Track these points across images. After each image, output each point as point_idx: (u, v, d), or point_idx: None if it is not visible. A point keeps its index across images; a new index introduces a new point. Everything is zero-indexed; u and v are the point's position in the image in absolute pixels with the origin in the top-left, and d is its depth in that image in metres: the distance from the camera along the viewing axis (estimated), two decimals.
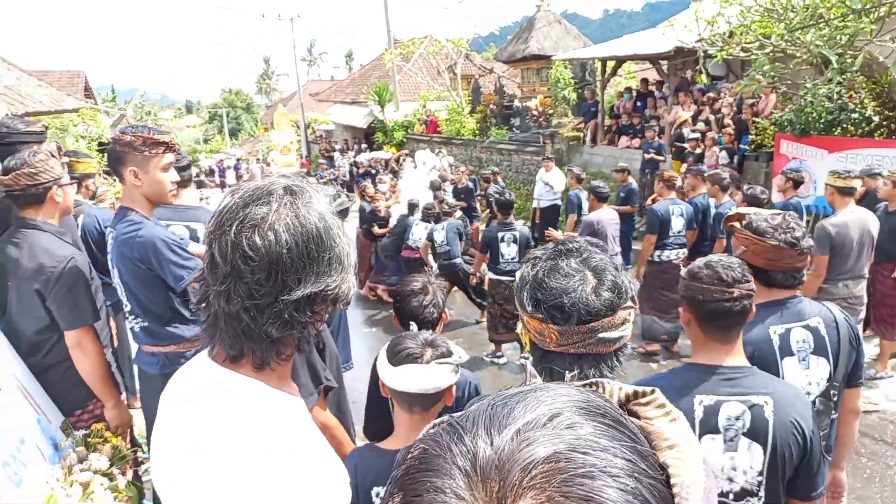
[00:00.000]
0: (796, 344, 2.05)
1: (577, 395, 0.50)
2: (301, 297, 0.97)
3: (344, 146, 26.90)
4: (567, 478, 0.42)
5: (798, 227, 2.08)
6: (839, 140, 8.31)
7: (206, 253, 1.00)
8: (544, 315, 1.17)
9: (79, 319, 2.44)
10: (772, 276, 2.08)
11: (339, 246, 1.02)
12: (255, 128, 63.65)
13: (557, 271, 1.19)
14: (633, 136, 12.43)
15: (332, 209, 1.05)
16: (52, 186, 2.51)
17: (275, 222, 0.96)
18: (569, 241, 1.26)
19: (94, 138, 17.11)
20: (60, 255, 2.44)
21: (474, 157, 17.80)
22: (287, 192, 1.00)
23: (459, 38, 20.85)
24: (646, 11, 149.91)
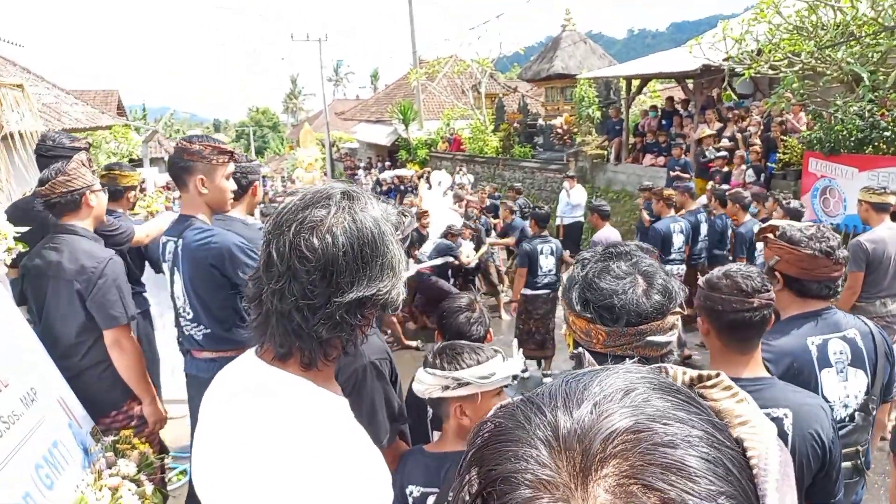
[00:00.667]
0: (834, 355, 2.01)
1: (648, 374, 0.51)
2: (353, 300, 0.99)
3: (368, 164, 27.16)
4: (649, 447, 0.42)
5: (833, 237, 2.06)
6: (870, 158, 8.16)
7: (262, 252, 1.03)
8: (593, 315, 1.18)
9: (118, 318, 2.52)
10: (806, 286, 2.05)
11: (391, 252, 1.04)
12: (281, 146, 64.60)
13: (608, 273, 1.20)
14: (657, 154, 12.35)
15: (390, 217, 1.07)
16: (86, 192, 2.61)
17: (333, 225, 0.99)
18: (620, 245, 1.28)
19: (125, 155, 17.55)
20: (100, 256, 2.54)
21: (497, 175, 17.84)
22: (345, 197, 1.03)
23: (484, 58, 21.01)
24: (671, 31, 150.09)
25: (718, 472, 0.42)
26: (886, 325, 4.39)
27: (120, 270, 2.57)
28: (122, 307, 2.53)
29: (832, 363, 2.00)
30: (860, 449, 2.03)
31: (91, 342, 2.55)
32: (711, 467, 0.42)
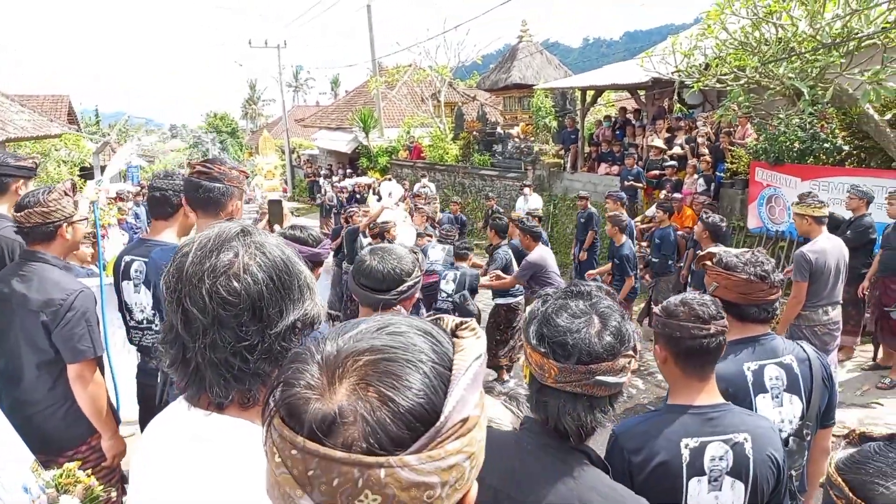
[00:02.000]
0: (769, 381, 2.08)
1: (412, 319, 0.72)
2: (286, 327, 1.01)
3: (329, 171, 26.97)
4: (377, 360, 0.64)
5: (767, 261, 2.15)
6: (812, 168, 8.51)
7: (170, 311, 1.01)
8: (547, 350, 1.23)
9: (84, 352, 2.46)
10: (745, 311, 2.13)
11: (303, 272, 1.07)
12: (240, 152, 63.62)
13: (566, 310, 1.26)
14: (612, 163, 12.62)
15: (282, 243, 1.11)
16: (62, 224, 2.55)
17: (246, 264, 1.00)
18: (581, 284, 1.33)
19: (77, 163, 17.05)
20: (70, 287, 2.47)
21: (457, 183, 17.95)
22: (244, 234, 1.04)
23: (443, 67, 21.14)
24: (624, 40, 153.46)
25: (420, 378, 0.64)
26: (828, 332, 4.59)
27: (90, 303, 2.50)
28: (90, 341, 2.46)
29: (767, 389, 2.07)
30: (793, 474, 2.10)
31: (57, 375, 2.48)
32: (417, 375, 0.64)
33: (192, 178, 2.39)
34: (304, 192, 29.75)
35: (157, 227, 2.79)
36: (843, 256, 4.51)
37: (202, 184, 2.37)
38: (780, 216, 8.94)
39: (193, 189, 2.38)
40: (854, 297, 6.00)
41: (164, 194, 2.71)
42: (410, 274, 1.95)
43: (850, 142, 8.23)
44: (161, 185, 2.73)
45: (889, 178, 7.54)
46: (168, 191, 2.71)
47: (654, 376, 6.69)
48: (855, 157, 8.22)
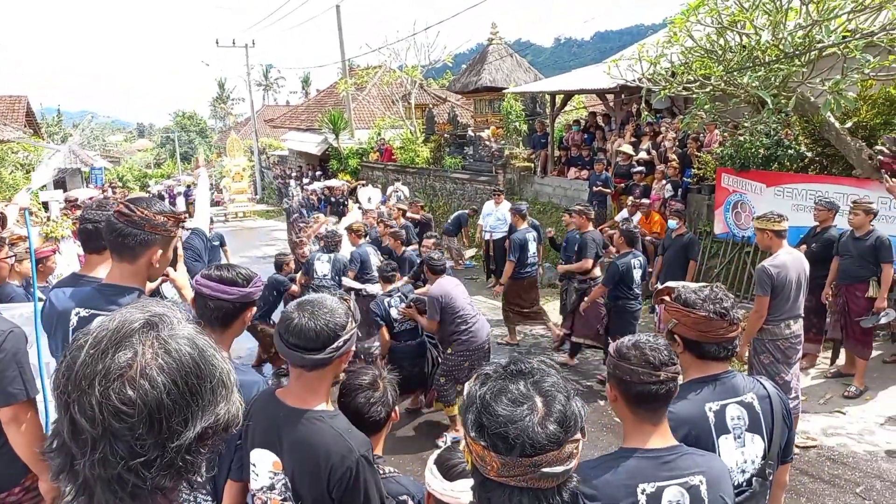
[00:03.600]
0: (731, 421, 2.02)
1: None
2: (192, 438, 0.88)
3: (299, 173, 26.64)
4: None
5: (726, 297, 2.09)
6: (776, 175, 8.61)
7: (59, 418, 0.88)
8: (487, 442, 1.13)
9: (16, 395, 2.27)
10: (704, 349, 2.07)
11: (219, 368, 0.93)
12: (209, 152, 62.65)
13: (505, 394, 1.15)
14: (581, 167, 12.65)
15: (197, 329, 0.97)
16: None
17: (145, 366, 0.86)
18: (521, 361, 1.22)
19: (34, 167, 16.50)
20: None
21: (428, 186, 17.85)
22: (148, 328, 0.91)
23: (413, 68, 21.01)
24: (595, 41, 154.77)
25: None
26: (791, 346, 4.60)
27: (21, 344, 2.31)
28: (22, 383, 2.28)
29: (730, 429, 2.02)
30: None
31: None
32: None
33: (111, 217, 2.21)
34: (273, 195, 29.37)
35: (92, 261, 2.58)
36: (803, 270, 4.53)
37: (117, 227, 2.19)
38: (746, 222, 9.03)
39: (109, 231, 2.20)
40: (816, 305, 6.06)
41: (98, 227, 2.49)
42: (345, 327, 1.75)
43: (812, 149, 8.35)
44: (94, 216, 2.53)
45: (850, 185, 7.66)
46: (101, 222, 2.49)
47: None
48: (817, 163, 8.34)
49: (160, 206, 2.28)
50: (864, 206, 5.65)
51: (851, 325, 5.75)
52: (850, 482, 4.36)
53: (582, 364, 7.40)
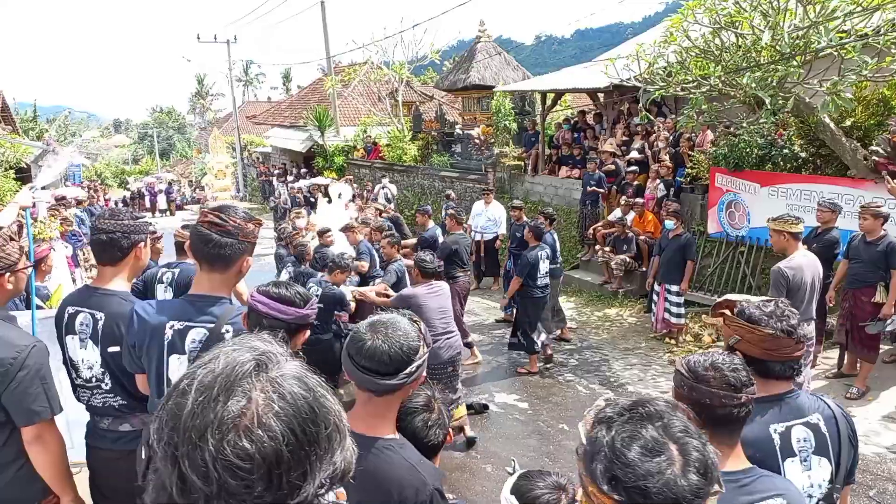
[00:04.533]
0: (797, 443, 1.95)
1: None
2: (311, 494, 0.80)
3: (282, 170, 26.35)
4: None
5: (793, 314, 2.00)
6: (770, 175, 8.65)
7: (164, 470, 0.79)
8: (623, 497, 1.04)
9: (39, 413, 2.16)
10: (769, 367, 1.98)
11: (332, 411, 0.85)
12: (188, 149, 61.79)
13: (636, 441, 1.06)
14: (573, 166, 12.63)
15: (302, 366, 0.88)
16: (4, 273, 2.24)
17: (261, 414, 0.78)
18: (647, 403, 1.13)
19: (12, 164, 16.08)
20: (20, 343, 2.15)
21: (416, 184, 17.74)
22: (259, 369, 0.82)
23: (401, 65, 20.86)
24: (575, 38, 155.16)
25: None
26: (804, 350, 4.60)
27: (44, 359, 2.19)
28: (46, 400, 2.17)
29: (796, 452, 1.95)
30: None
31: (7, 435, 2.18)
32: None
33: (202, 228, 2.12)
34: (257, 192, 29.03)
35: (105, 273, 2.47)
36: (817, 272, 4.52)
37: (213, 237, 2.10)
38: (741, 221, 9.07)
39: (202, 242, 2.11)
40: (819, 306, 6.08)
41: (112, 237, 2.40)
42: (417, 351, 1.63)
43: (806, 149, 8.39)
44: (107, 226, 2.41)
45: (845, 185, 7.71)
46: (116, 232, 2.40)
47: (624, 388, 6.66)
48: (811, 163, 8.39)
49: (244, 213, 2.21)
50: (872, 210, 5.64)
51: (856, 329, 5.76)
52: (861, 485, 4.36)
53: (582, 364, 7.38)
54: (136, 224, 2.47)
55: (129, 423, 2.44)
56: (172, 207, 28.66)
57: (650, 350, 7.79)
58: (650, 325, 8.49)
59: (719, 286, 9.06)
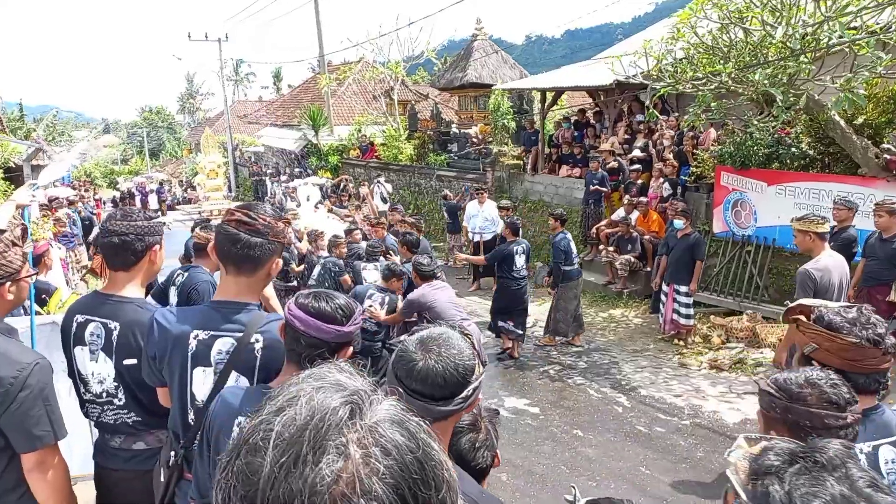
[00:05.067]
0: (886, 465, 1.79)
1: None
2: None
3: (275, 170, 26.08)
4: None
5: (879, 322, 1.84)
6: (777, 173, 8.54)
7: None
8: None
9: (41, 438, 1.95)
10: (851, 379, 1.79)
11: (442, 464, 0.67)
12: (178, 148, 61.23)
13: (818, 497, 0.91)
14: (573, 165, 12.49)
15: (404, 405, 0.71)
16: (5, 283, 2.03)
17: (362, 477, 0.60)
18: (821, 449, 0.97)
19: (1, 164, 15.74)
20: (21, 360, 1.94)
21: (413, 183, 17.56)
22: (354, 414, 0.65)
23: (396, 64, 20.65)
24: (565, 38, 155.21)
25: None
26: None
27: (48, 378, 1.99)
28: (49, 423, 1.96)
29: (884, 475, 1.79)
30: None
31: (6, 460, 1.97)
32: None
33: (229, 227, 1.94)
34: (249, 192, 28.70)
35: (118, 279, 2.27)
36: (844, 273, 4.39)
37: (241, 237, 1.92)
38: (747, 220, 8.95)
39: (230, 242, 1.93)
40: None
41: (125, 240, 2.20)
42: (474, 371, 1.41)
43: (814, 147, 8.29)
44: (119, 227, 2.21)
45: (855, 183, 7.61)
46: (128, 235, 2.20)
47: (636, 391, 6.50)
48: (819, 162, 8.28)
49: (273, 211, 2.03)
50: (887, 208, 5.56)
51: None
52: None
53: (591, 367, 7.23)
54: (150, 225, 2.26)
55: (144, 441, 2.25)
56: (164, 208, 28.27)
57: (659, 352, 7.66)
58: (657, 326, 8.36)
59: (725, 286, 8.94)
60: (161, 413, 2.16)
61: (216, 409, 1.77)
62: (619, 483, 4.75)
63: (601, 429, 5.64)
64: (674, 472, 4.88)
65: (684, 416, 5.86)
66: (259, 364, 1.93)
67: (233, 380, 1.93)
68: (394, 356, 1.46)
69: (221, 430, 1.73)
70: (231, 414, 1.73)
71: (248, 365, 1.93)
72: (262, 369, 1.93)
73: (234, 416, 1.73)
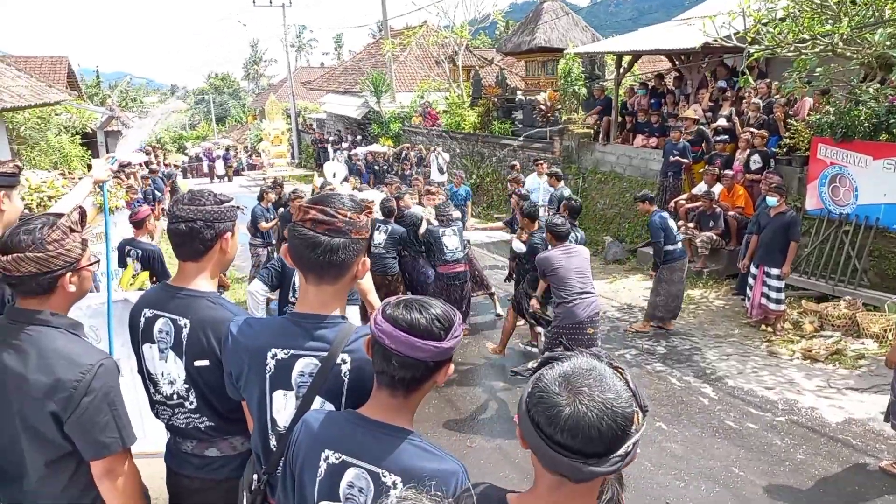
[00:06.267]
0: None
1: None
2: None
3: (337, 137, 26.09)
4: None
5: None
6: (887, 146, 7.74)
7: None
8: None
9: (109, 446, 1.78)
10: None
11: None
12: (243, 114, 62.37)
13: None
14: (649, 134, 11.81)
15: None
16: (66, 273, 1.82)
17: None
18: None
19: (79, 129, 16.23)
20: (85, 362, 1.76)
21: (476, 152, 17.13)
22: None
23: (462, 27, 20.05)
24: (633, 0, 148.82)
25: None
26: None
27: (113, 379, 1.82)
28: (116, 430, 1.79)
29: None
30: None
31: (73, 470, 1.82)
32: None
33: (304, 229, 1.64)
34: (311, 159, 28.90)
35: (188, 271, 2.02)
36: None
37: (320, 240, 1.62)
38: (846, 197, 8.20)
39: (307, 247, 1.63)
40: None
41: (192, 227, 1.93)
42: (633, 420, 1.09)
43: None
44: (187, 213, 1.94)
45: None
46: (197, 221, 1.93)
47: (723, 382, 6.05)
48: None
49: (352, 201, 1.70)
50: None
51: None
52: None
53: (671, 353, 6.79)
54: (220, 210, 1.97)
55: (218, 448, 2.04)
56: (230, 173, 28.85)
57: (744, 338, 7.14)
58: (741, 310, 7.81)
59: (817, 269, 8.26)
60: (237, 419, 1.95)
61: (299, 437, 1.52)
62: (710, 485, 4.38)
63: (687, 423, 5.25)
64: (770, 476, 4.48)
65: (778, 411, 5.40)
66: (347, 388, 1.65)
67: (317, 405, 1.66)
68: (526, 393, 1.16)
69: (305, 463, 1.49)
70: (316, 444, 1.49)
71: (335, 390, 1.65)
72: (351, 394, 1.64)
73: (321, 447, 1.48)
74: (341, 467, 1.46)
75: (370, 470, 1.43)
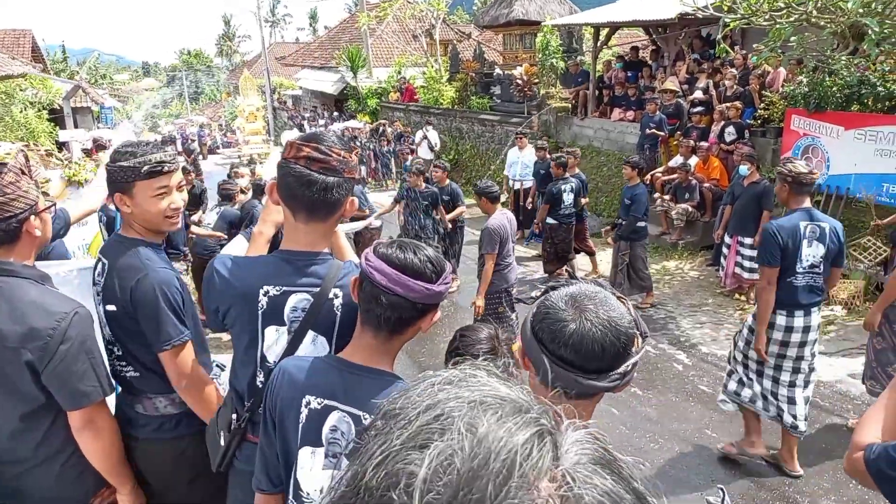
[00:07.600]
0: None
1: None
2: None
3: (313, 114, 25.75)
4: None
5: None
6: (858, 116, 7.85)
7: None
8: None
9: (89, 395, 1.76)
10: None
11: None
12: (217, 92, 61.25)
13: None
14: (626, 107, 11.82)
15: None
16: (29, 217, 1.79)
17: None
18: None
19: (45, 105, 15.78)
20: (58, 310, 1.73)
21: (454, 128, 17.03)
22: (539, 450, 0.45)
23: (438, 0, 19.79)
24: None
25: None
26: None
27: (89, 329, 1.80)
28: (95, 378, 1.78)
29: None
30: None
31: (48, 424, 1.80)
32: None
33: (298, 167, 1.61)
34: None
35: None
36: None
37: (315, 178, 1.60)
38: (818, 168, 8.27)
39: (302, 185, 1.60)
40: None
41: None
42: (633, 341, 1.14)
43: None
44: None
45: None
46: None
47: (697, 349, 6.14)
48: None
49: (340, 140, 1.68)
50: None
51: None
52: None
53: (647, 322, 6.86)
54: None
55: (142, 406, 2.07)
56: (204, 151, 28.35)
57: (718, 307, 7.24)
58: (715, 280, 7.92)
59: None
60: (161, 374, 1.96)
61: (278, 383, 1.51)
62: (683, 445, 4.47)
63: (661, 388, 5.33)
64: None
65: None
66: (339, 321, 1.66)
67: (309, 340, 1.67)
68: (534, 311, 1.19)
69: (285, 410, 1.49)
70: (297, 392, 1.48)
71: (327, 323, 1.66)
72: (343, 327, 1.65)
73: (301, 394, 1.47)
74: (324, 411, 1.46)
75: (352, 413, 1.44)
